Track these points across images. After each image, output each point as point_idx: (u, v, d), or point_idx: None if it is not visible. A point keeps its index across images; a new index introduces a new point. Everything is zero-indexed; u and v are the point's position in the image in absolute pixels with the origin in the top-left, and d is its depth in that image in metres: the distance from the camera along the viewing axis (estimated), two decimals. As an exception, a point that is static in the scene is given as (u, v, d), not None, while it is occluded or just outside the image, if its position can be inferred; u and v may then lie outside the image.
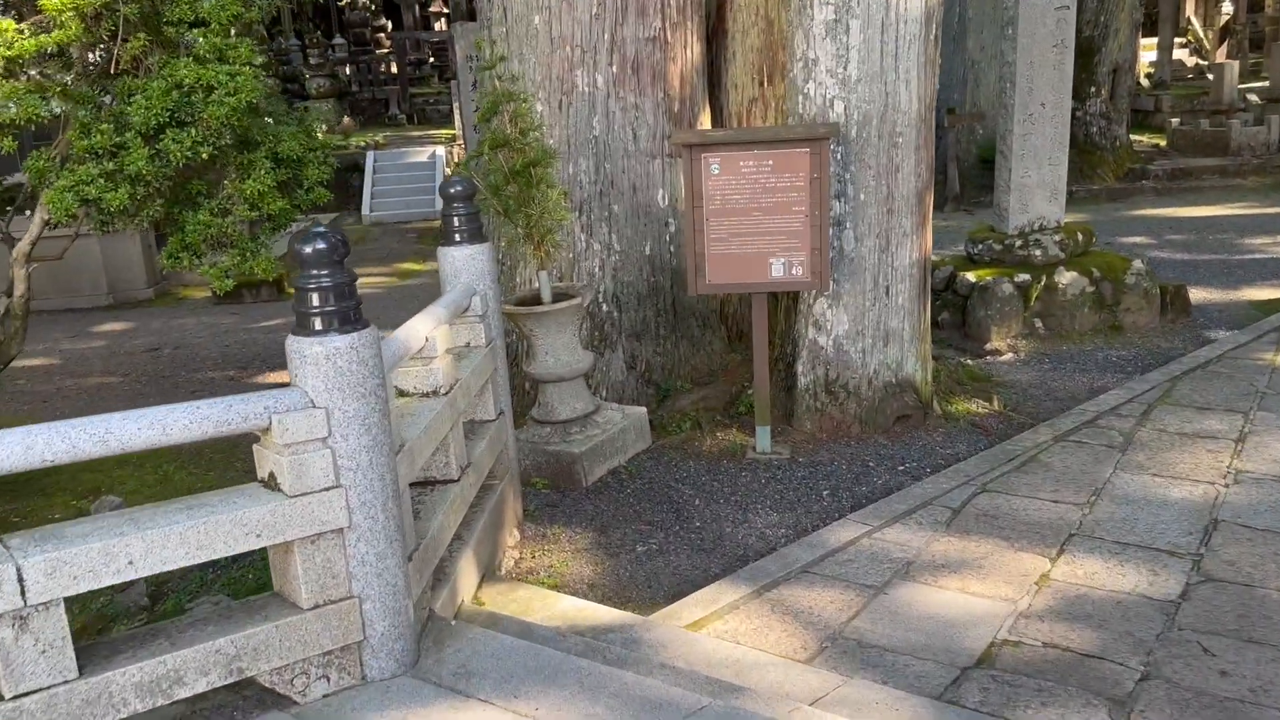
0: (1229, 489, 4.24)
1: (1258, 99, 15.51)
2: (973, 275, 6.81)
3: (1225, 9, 21.57)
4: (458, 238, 3.91)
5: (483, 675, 2.74)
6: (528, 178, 4.56)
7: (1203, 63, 20.83)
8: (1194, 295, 7.29)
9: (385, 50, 23.91)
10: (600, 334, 5.54)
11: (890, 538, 3.98)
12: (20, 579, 2.15)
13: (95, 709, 2.27)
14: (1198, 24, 22.52)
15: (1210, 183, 12.79)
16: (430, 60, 25.25)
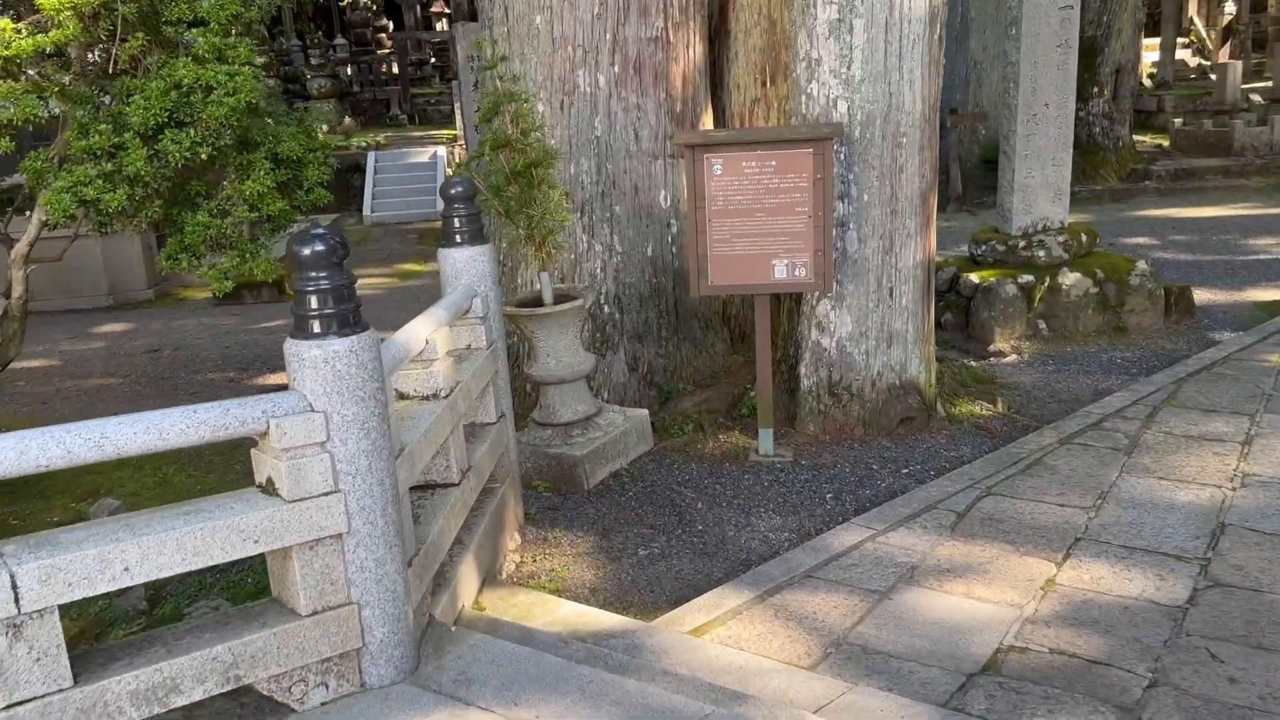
0: (1236, 492, 4.21)
1: (1261, 99, 15.46)
2: (976, 276, 6.78)
3: (1228, 9, 21.53)
4: (458, 239, 3.88)
5: (483, 682, 2.71)
6: (529, 178, 4.53)
7: (1205, 63, 20.79)
8: (1198, 296, 7.25)
9: (386, 50, 23.88)
10: (602, 335, 5.51)
11: (894, 542, 3.94)
12: (14, 586, 2.12)
13: (90, 718, 2.24)
14: (1200, 24, 22.48)
15: (1213, 183, 12.75)
16: (432, 60, 25.22)
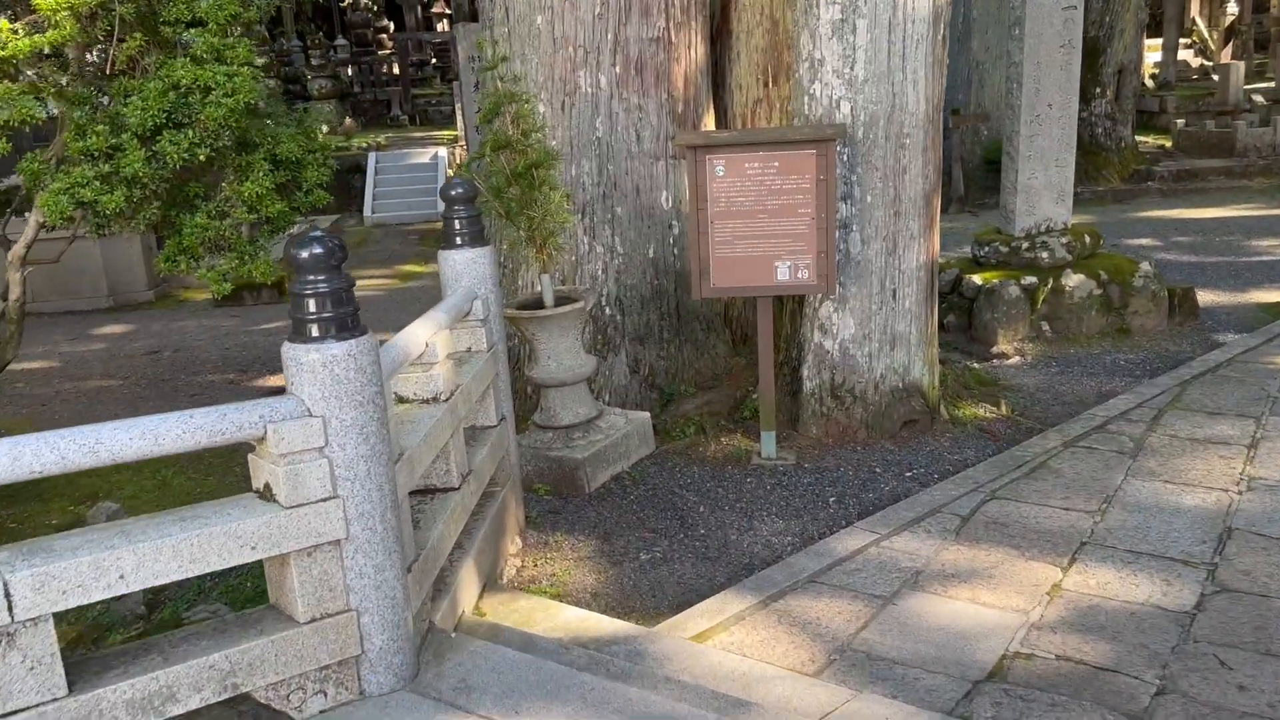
0: (1242, 496, 4.17)
1: (1263, 100, 15.43)
2: (979, 278, 6.74)
3: (1230, 10, 21.49)
4: (459, 241, 3.85)
5: (483, 690, 2.68)
6: (530, 180, 4.50)
7: (1207, 63, 20.75)
8: (1202, 298, 7.21)
9: (387, 51, 23.86)
10: (603, 338, 5.47)
11: (898, 546, 3.91)
12: (7, 594, 2.08)
13: (85, 727, 2.21)
14: (1202, 24, 22.45)
15: (1216, 184, 12.71)
16: (432, 61, 25.20)
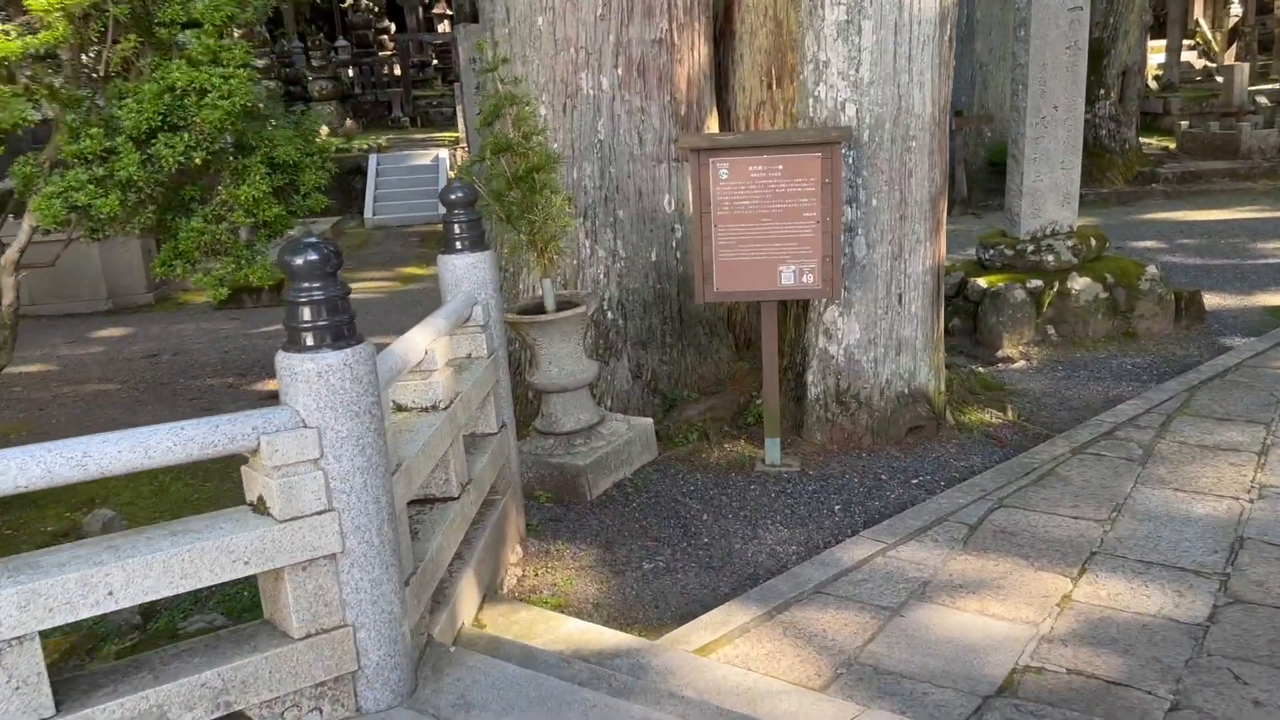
0: (1253, 504, 4.11)
1: (1267, 101, 15.36)
2: (984, 281, 6.68)
3: (1234, 11, 21.42)
4: (459, 245, 3.79)
5: (483, 706, 2.62)
6: (531, 183, 4.44)
7: (1211, 65, 20.67)
8: (1207, 301, 7.15)
9: (388, 52, 23.80)
10: (605, 342, 5.41)
11: (905, 556, 3.84)
12: (-8, 612, 2.03)
13: (73, 748, 2.15)
14: (1206, 26, 22.38)
15: (1220, 186, 12.64)
16: (434, 62, 25.15)
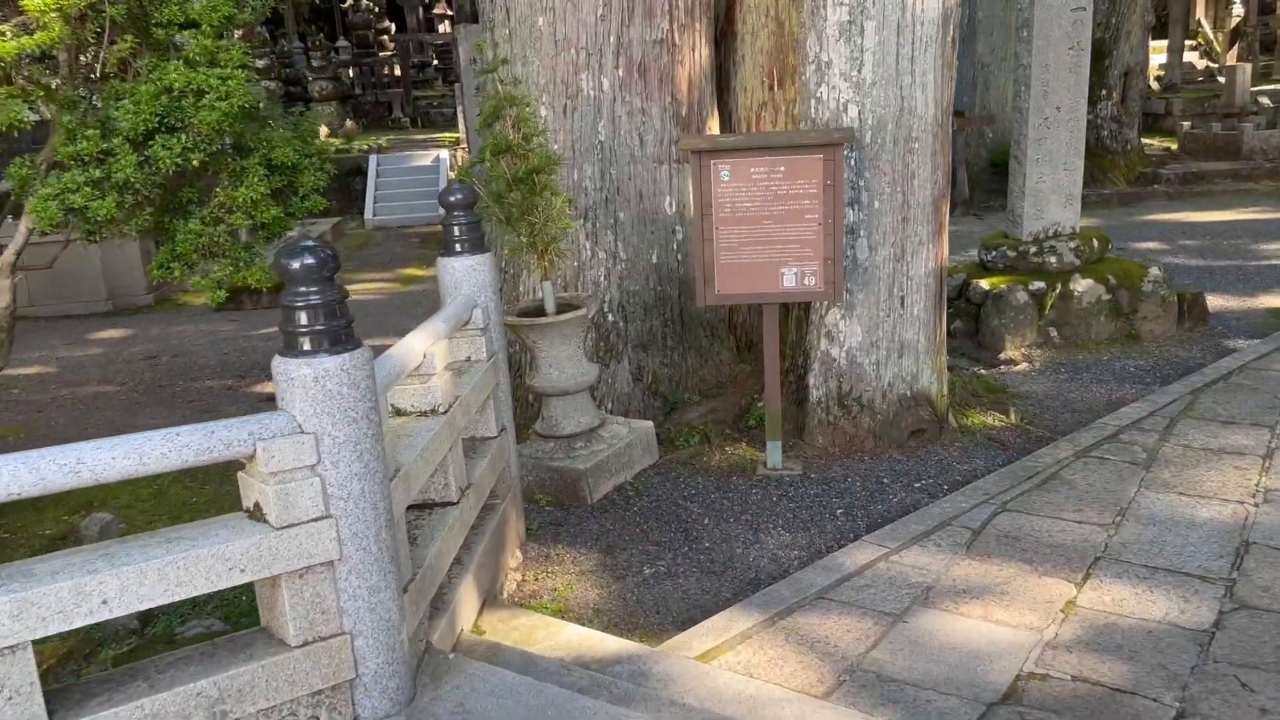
0: (1259, 509, 4.08)
1: (1269, 102, 15.33)
2: (986, 283, 6.65)
3: (1236, 11, 21.39)
4: (458, 248, 3.76)
5: (481, 715, 2.59)
6: (531, 185, 4.41)
7: (1213, 65, 20.64)
8: (1211, 302, 7.12)
9: (389, 53, 23.79)
10: (605, 345, 5.38)
11: (908, 561, 3.81)
12: (-16, 621, 2.00)
13: (66, 758, 2.12)
14: (1208, 26, 22.35)
15: (1222, 187, 12.60)
16: (434, 63, 25.13)
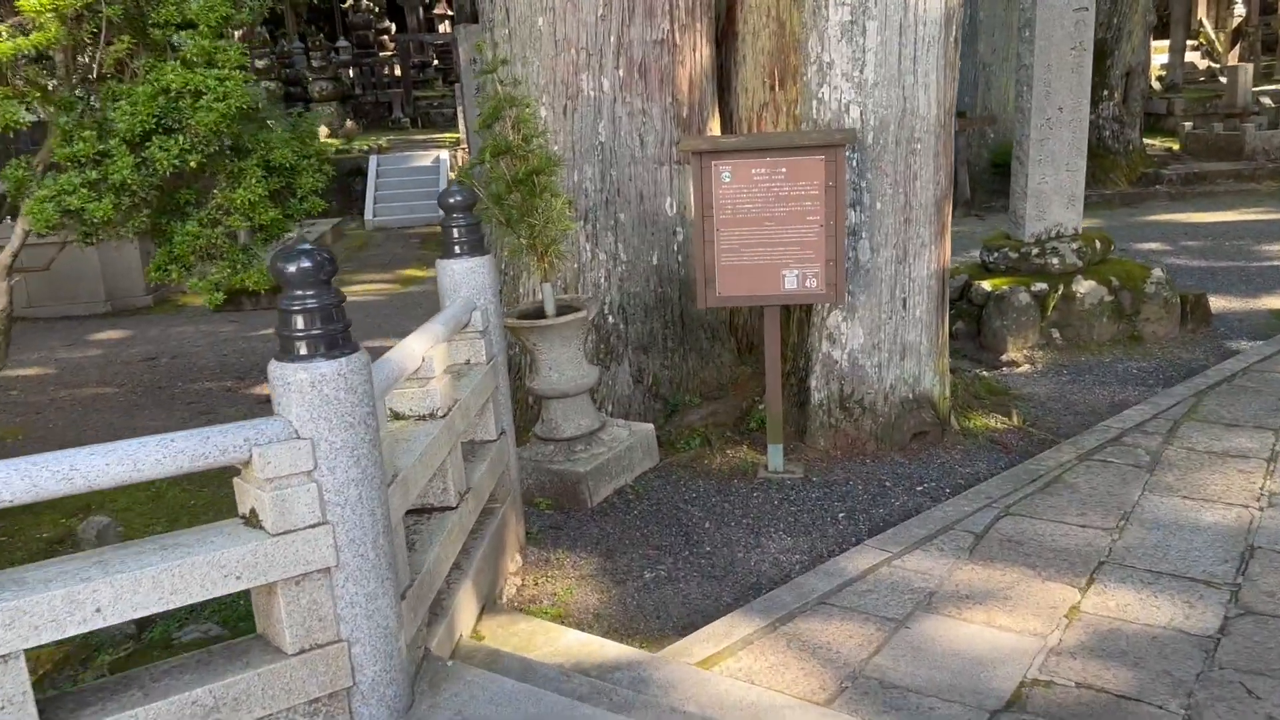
0: (1264, 512, 4.05)
1: (1271, 102, 15.29)
2: (988, 284, 6.63)
3: (1237, 11, 21.36)
4: (457, 250, 3.73)
5: (481, 723, 2.57)
6: (531, 186, 4.38)
7: (1214, 65, 20.61)
8: (1213, 303, 7.09)
9: (389, 53, 23.78)
10: (606, 347, 5.35)
11: (911, 565, 3.78)
12: (-25, 630, 1.97)
13: (59, 769, 2.10)
14: (1209, 26, 22.31)
15: (1224, 187, 12.57)
16: (434, 63, 25.13)
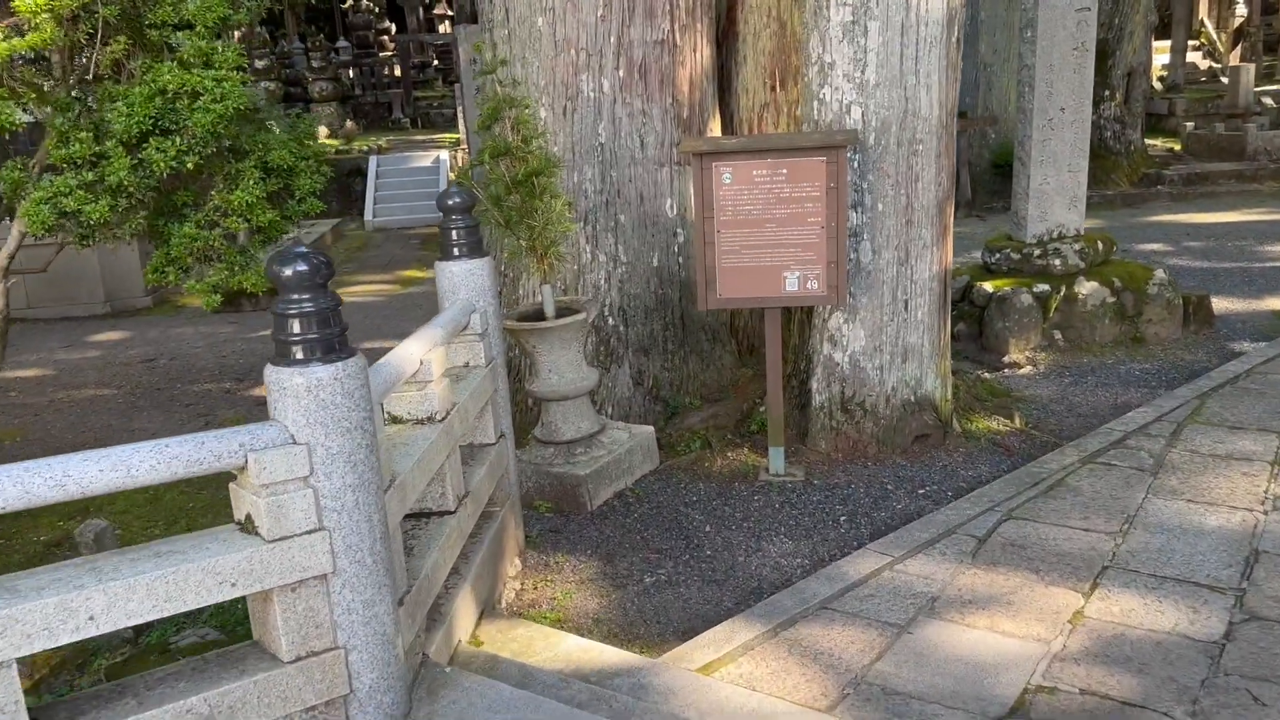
0: (1268, 516, 4.02)
1: (1273, 102, 15.27)
2: (990, 285, 6.60)
3: (1239, 11, 21.32)
4: (456, 252, 3.70)
5: (479, 731, 2.54)
6: (530, 187, 4.36)
7: (1216, 65, 20.58)
8: (1216, 305, 7.06)
9: (389, 53, 23.76)
10: (606, 349, 5.33)
11: (913, 570, 3.76)
12: (-34, 639, 1.95)
13: (52, 779, 2.07)
14: (1210, 27, 22.28)
15: (1226, 188, 12.54)
16: (434, 63, 25.13)
